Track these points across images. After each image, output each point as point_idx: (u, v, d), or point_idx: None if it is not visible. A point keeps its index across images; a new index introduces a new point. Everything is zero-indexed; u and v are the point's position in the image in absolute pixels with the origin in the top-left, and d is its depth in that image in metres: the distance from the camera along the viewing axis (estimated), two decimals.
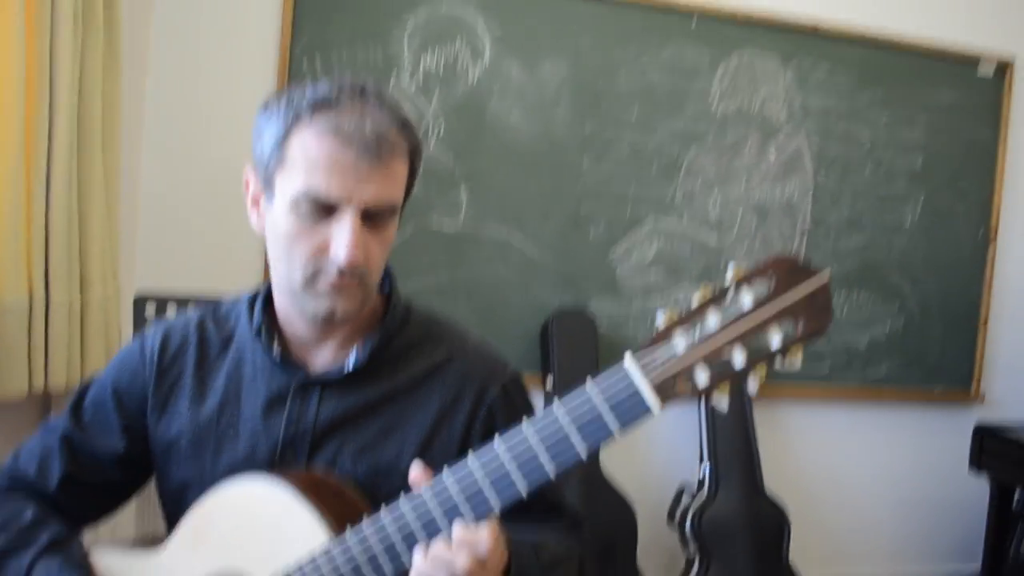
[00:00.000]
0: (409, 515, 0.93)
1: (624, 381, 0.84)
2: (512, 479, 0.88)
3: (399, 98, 1.09)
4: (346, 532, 0.96)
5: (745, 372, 0.82)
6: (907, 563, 3.46)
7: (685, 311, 0.84)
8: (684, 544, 2.83)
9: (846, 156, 3.19)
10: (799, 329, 0.82)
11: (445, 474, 0.92)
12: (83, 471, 1.17)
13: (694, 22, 3.01)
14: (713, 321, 0.83)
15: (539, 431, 0.87)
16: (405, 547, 0.93)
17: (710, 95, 3.05)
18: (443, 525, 0.91)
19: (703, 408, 2.96)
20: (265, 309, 1.16)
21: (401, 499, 0.94)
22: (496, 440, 0.90)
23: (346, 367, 1.11)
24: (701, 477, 2.90)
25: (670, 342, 0.84)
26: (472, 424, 1.12)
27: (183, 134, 2.58)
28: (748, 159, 3.09)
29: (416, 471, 0.93)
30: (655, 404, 0.84)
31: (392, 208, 1.05)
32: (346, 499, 1.05)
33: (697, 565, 2.76)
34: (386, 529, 0.94)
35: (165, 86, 2.55)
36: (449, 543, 0.90)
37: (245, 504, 1.03)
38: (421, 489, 0.93)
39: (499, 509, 0.90)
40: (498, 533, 0.91)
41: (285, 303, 1.12)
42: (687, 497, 2.90)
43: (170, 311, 2.02)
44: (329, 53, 2.66)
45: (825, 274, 0.82)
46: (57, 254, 1.91)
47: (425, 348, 1.16)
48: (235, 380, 1.15)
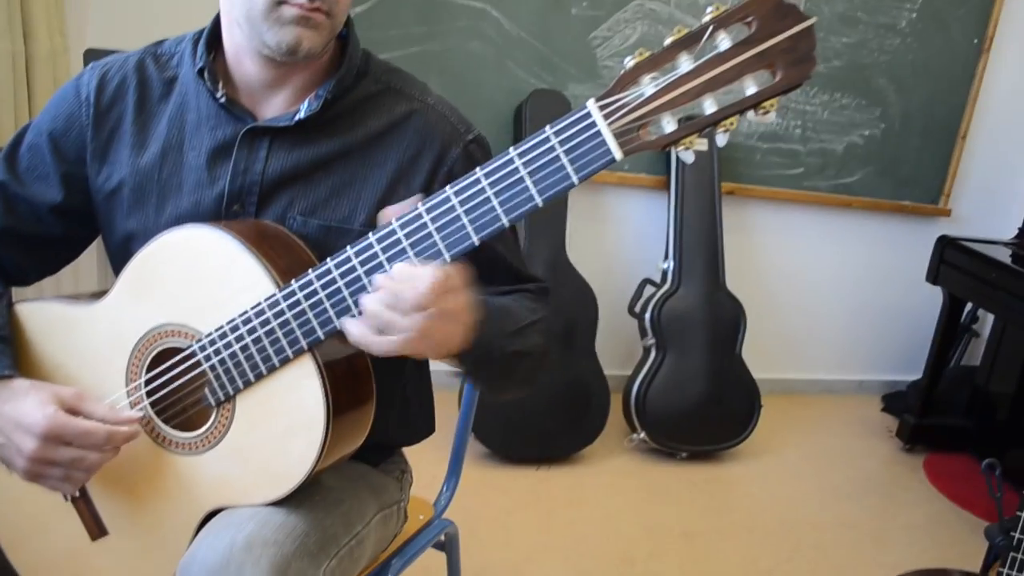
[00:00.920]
0: (354, 259, 0.90)
1: (585, 125, 0.80)
2: (463, 224, 0.85)
3: None
4: (292, 282, 0.94)
5: (714, 121, 0.78)
6: (852, 371, 3.61)
7: (655, 53, 0.78)
8: (643, 334, 2.90)
9: None
10: (777, 77, 0.76)
11: (393, 221, 0.88)
12: (19, 222, 1.12)
13: None
14: (685, 64, 0.77)
15: (491, 177, 0.83)
16: (348, 292, 0.91)
17: None
18: (389, 267, 0.89)
19: (672, 206, 2.94)
20: (211, 47, 1.08)
21: (348, 247, 0.91)
22: (448, 187, 0.86)
23: (297, 115, 1.05)
24: (664, 271, 2.93)
25: (637, 85, 0.78)
26: (430, 185, 1.07)
27: None
28: None
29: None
30: (617, 151, 0.79)
31: None
32: (294, 251, 1.01)
33: (653, 354, 2.84)
34: (331, 273, 0.91)
35: None
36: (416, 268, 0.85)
37: (189, 255, 0.99)
38: (368, 235, 0.90)
39: (449, 257, 0.87)
40: (468, 276, 0.88)
41: (238, 39, 1.03)
42: (649, 290, 2.94)
43: None
44: None
45: (811, 19, 0.75)
46: None
47: (384, 102, 1.09)
48: (178, 126, 1.08)
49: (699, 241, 2.93)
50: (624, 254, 3.13)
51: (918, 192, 3.38)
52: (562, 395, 2.69)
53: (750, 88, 0.76)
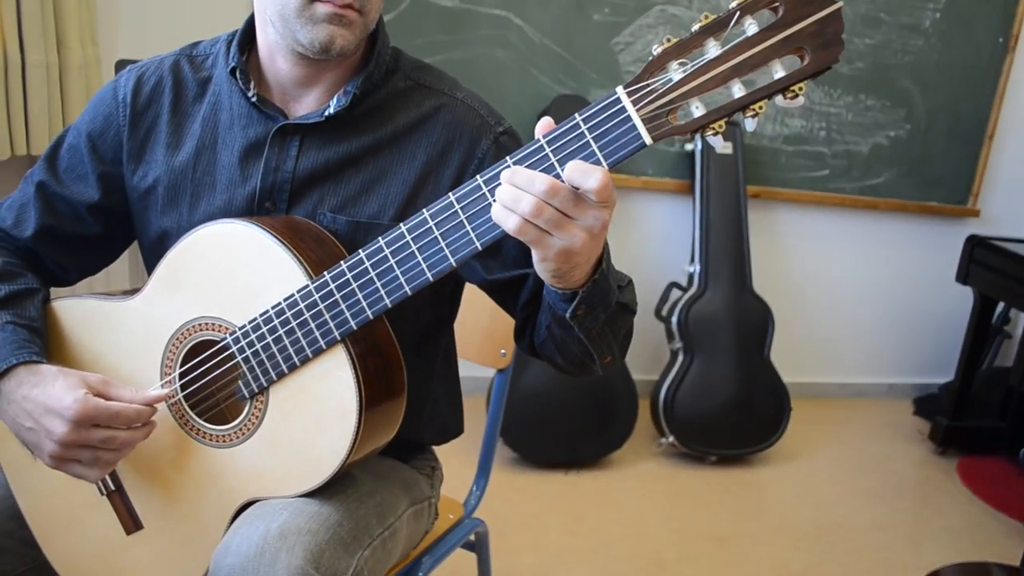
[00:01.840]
0: (386, 250, 0.91)
1: (614, 111, 0.80)
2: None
3: None
4: (324, 273, 0.94)
5: (743, 105, 0.78)
6: (882, 374, 3.57)
7: (682, 40, 0.79)
8: (670, 338, 2.89)
9: None
10: (805, 61, 0.77)
11: (424, 211, 0.89)
12: (60, 221, 1.15)
13: None
14: (712, 50, 0.78)
15: (521, 164, 0.83)
16: (381, 283, 0.92)
17: None
18: (420, 260, 0.89)
19: (697, 209, 2.94)
20: (244, 48, 1.10)
21: (380, 238, 0.92)
22: (478, 176, 0.86)
23: (327, 110, 1.06)
24: (690, 275, 2.92)
25: (665, 72, 0.79)
26: (461, 179, 1.07)
27: None
28: None
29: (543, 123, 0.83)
30: (647, 136, 0.80)
31: None
32: (326, 245, 1.02)
33: (681, 357, 2.83)
34: (363, 264, 0.92)
35: None
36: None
37: (222, 249, 1.00)
38: (400, 226, 0.90)
39: (480, 246, 0.87)
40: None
41: (272, 37, 1.05)
42: (676, 293, 2.93)
43: None
44: None
45: (838, 3, 0.76)
46: (30, 15, 1.82)
47: (413, 97, 1.10)
48: (211, 126, 1.10)
49: (725, 244, 2.92)
50: (650, 258, 3.13)
51: (945, 193, 3.35)
52: (589, 399, 2.68)
53: (778, 72, 0.77)
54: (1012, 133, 3.37)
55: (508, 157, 0.84)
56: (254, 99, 1.07)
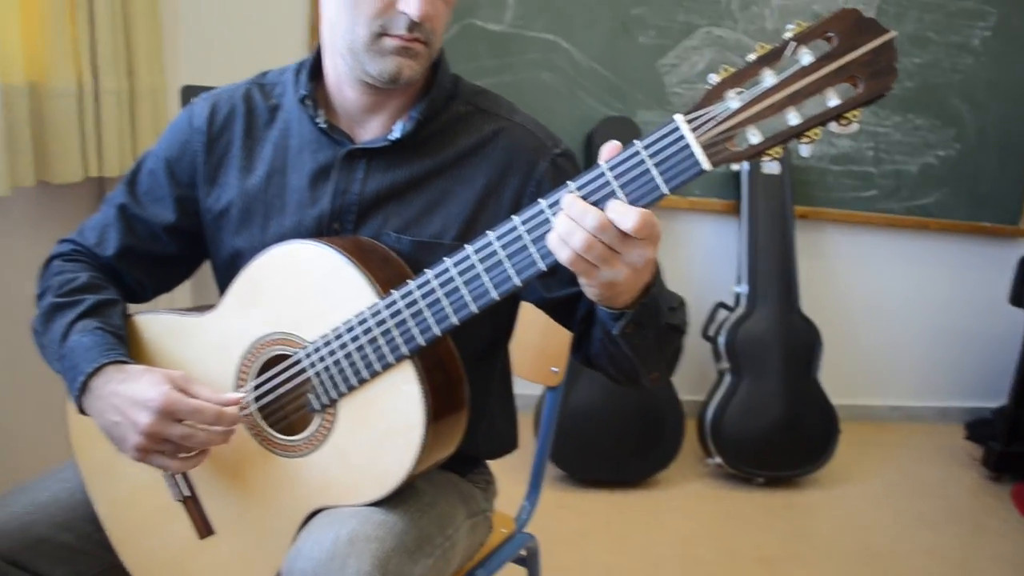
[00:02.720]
0: (452, 270, 0.95)
1: (674, 138, 0.84)
2: None
3: None
4: (392, 292, 0.99)
5: (798, 132, 0.81)
6: (933, 398, 3.53)
7: (739, 69, 0.82)
8: (716, 358, 2.90)
9: None
10: (859, 89, 0.79)
11: (489, 233, 0.93)
12: (139, 241, 1.21)
13: None
14: (769, 79, 0.81)
15: (584, 188, 0.87)
16: (448, 302, 0.96)
17: None
18: (486, 279, 0.94)
19: (745, 230, 2.95)
20: (312, 78, 1.16)
21: (446, 258, 0.96)
22: (541, 200, 0.90)
23: (391, 135, 1.11)
24: (737, 295, 2.93)
25: (722, 100, 0.82)
26: (520, 200, 1.11)
27: None
28: None
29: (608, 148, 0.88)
30: (705, 162, 0.83)
31: None
32: (392, 264, 1.07)
33: (728, 378, 2.83)
34: (431, 283, 0.96)
35: None
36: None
37: (294, 268, 1.05)
38: (465, 247, 0.95)
39: (545, 266, 0.91)
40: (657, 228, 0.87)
41: (340, 68, 1.10)
42: (722, 314, 2.94)
43: None
44: None
45: (891, 33, 0.79)
46: (103, 44, 1.91)
47: (473, 122, 1.14)
48: (281, 150, 1.16)
49: (773, 265, 2.93)
50: (697, 278, 3.14)
51: (997, 212, 3.32)
52: (636, 419, 2.70)
53: (832, 100, 0.80)
54: None
55: (570, 182, 0.88)
56: (323, 125, 1.13)
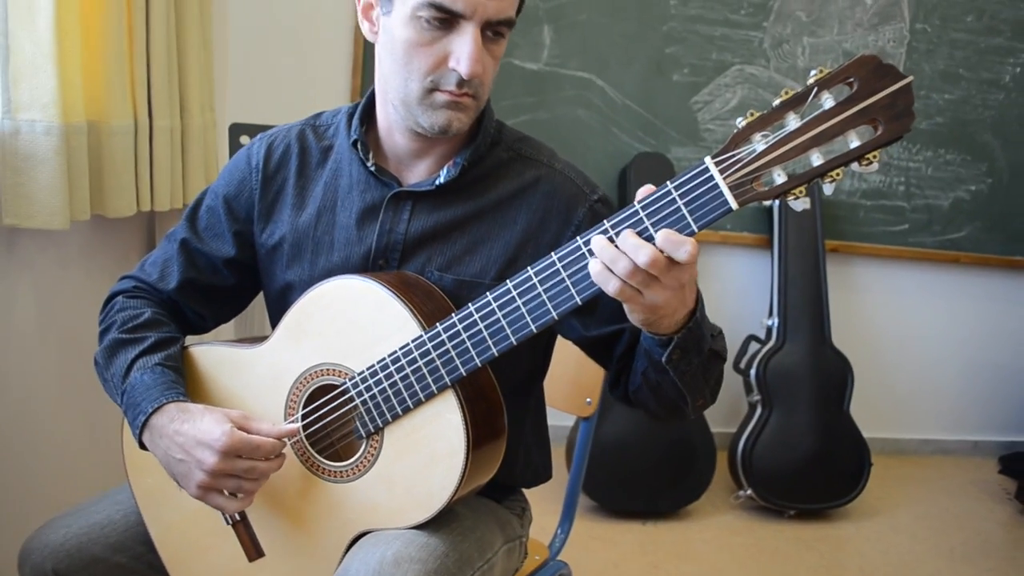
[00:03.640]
0: (494, 304, 1.00)
1: (703, 180, 0.89)
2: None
3: None
4: (436, 324, 1.04)
5: (822, 173, 0.86)
6: (966, 431, 3.50)
7: (765, 113, 0.87)
8: (748, 391, 2.91)
9: (947, 3, 3.04)
10: (879, 131, 0.84)
11: (528, 269, 0.98)
12: (200, 274, 1.27)
13: None
14: (792, 122, 0.86)
15: (617, 228, 0.92)
16: (488, 334, 1.01)
17: None
18: (524, 312, 0.99)
19: (776, 264, 2.98)
20: (364, 121, 1.22)
21: (487, 293, 1.01)
22: (578, 237, 0.96)
23: (437, 180, 1.17)
24: (769, 328, 2.95)
25: (749, 143, 0.87)
26: (558, 244, 1.14)
27: None
28: (842, 4, 2.97)
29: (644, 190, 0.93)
30: (733, 201, 0.88)
31: (509, 23, 1.07)
32: (435, 299, 1.12)
33: (759, 410, 2.85)
34: (473, 316, 1.02)
35: None
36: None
37: (342, 302, 1.11)
38: (506, 282, 1.00)
39: (580, 300, 0.96)
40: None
41: (391, 116, 1.16)
42: (754, 346, 2.96)
43: None
44: None
45: (908, 78, 0.83)
46: (158, 83, 1.99)
47: (515, 168, 1.19)
48: (332, 190, 1.22)
49: (804, 298, 2.95)
50: (728, 311, 3.17)
51: None
52: (668, 450, 2.72)
53: (854, 142, 0.84)
54: None
55: (605, 220, 0.93)
56: (372, 168, 1.19)
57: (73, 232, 1.88)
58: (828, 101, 0.85)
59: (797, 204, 0.89)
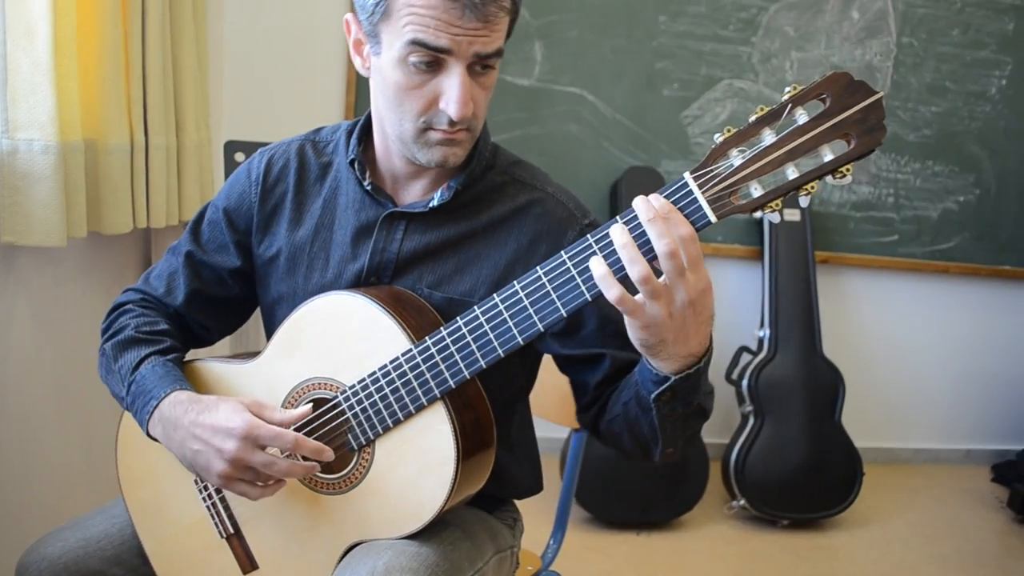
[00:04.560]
0: (481, 318, 1.03)
1: (683, 194, 0.92)
2: (578, 284, 0.97)
3: None
4: (425, 338, 1.06)
5: (797, 186, 0.89)
6: (958, 440, 3.53)
7: (741, 129, 0.90)
8: (740, 401, 2.94)
9: (933, 17, 3.08)
10: (852, 145, 0.87)
11: (516, 282, 1.01)
12: (205, 285, 1.29)
13: None
14: (768, 137, 0.89)
15: (601, 243, 0.95)
16: (476, 347, 1.04)
17: None
18: (511, 325, 1.01)
19: (767, 275, 3.01)
20: (362, 140, 1.23)
21: (475, 307, 1.04)
22: (563, 252, 0.98)
23: (430, 202, 1.19)
24: (760, 339, 2.98)
25: (726, 158, 0.90)
26: None
27: None
28: (829, 19, 3.02)
29: None
30: (712, 215, 0.91)
31: (497, 54, 1.07)
32: (425, 313, 1.15)
33: (752, 420, 2.87)
34: (461, 330, 1.04)
35: None
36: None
37: (334, 317, 1.13)
38: (494, 296, 1.02)
39: (565, 313, 0.99)
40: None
41: (388, 144, 1.18)
42: (746, 357, 2.99)
43: None
44: None
45: (879, 93, 0.86)
46: (154, 102, 2.02)
47: (508, 191, 1.21)
48: (330, 208, 1.24)
49: (795, 309, 2.98)
50: (719, 322, 3.14)
51: (1018, 256, 3.35)
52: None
53: (827, 155, 0.87)
54: None
55: (589, 235, 0.96)
56: (368, 187, 1.21)
57: (70, 249, 1.90)
58: (802, 117, 0.88)
59: (774, 216, 0.92)
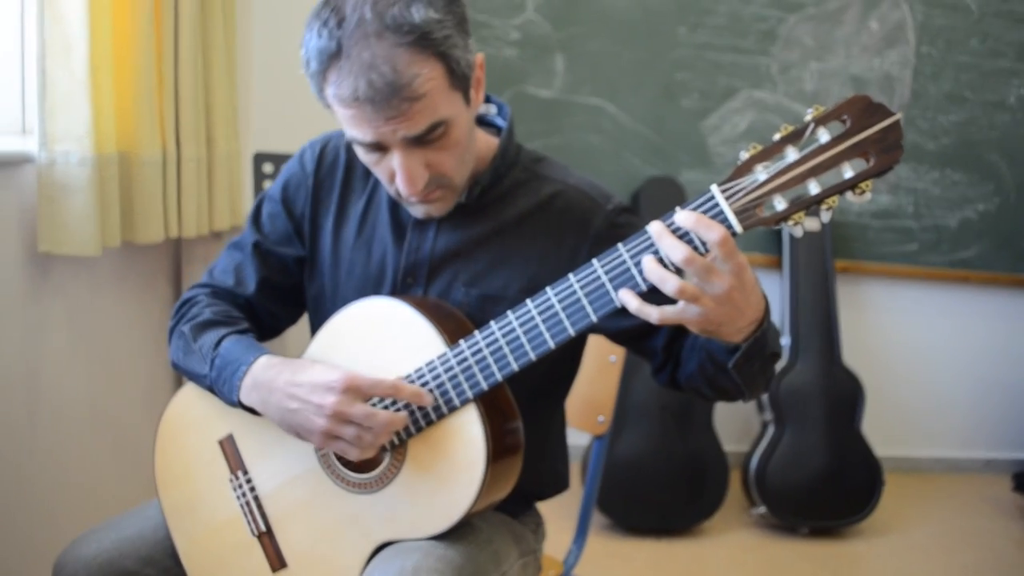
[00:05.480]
0: (515, 322, 1.07)
1: (710, 206, 0.96)
2: (607, 290, 1.01)
3: None
4: (460, 342, 1.10)
5: (819, 201, 0.92)
6: (979, 449, 3.53)
7: (766, 147, 0.94)
8: (760, 410, 2.95)
9: (952, 27, 3.10)
10: (871, 163, 0.91)
11: (547, 289, 1.05)
12: (273, 273, 1.32)
13: None
14: (791, 155, 0.93)
15: (632, 250, 0.99)
16: (509, 350, 1.07)
17: None
18: (543, 330, 1.05)
19: (787, 284, 3.03)
20: None
21: (508, 312, 1.08)
22: (595, 260, 1.02)
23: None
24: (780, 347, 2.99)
25: (752, 173, 0.94)
26: (576, 257, 1.20)
27: (291, 11, 2.70)
28: (848, 30, 3.04)
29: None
30: (737, 226, 0.95)
31: (438, 123, 1.07)
32: (457, 319, 1.18)
33: (771, 430, 2.88)
34: (495, 334, 1.08)
35: None
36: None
37: (371, 321, 1.17)
38: (527, 302, 1.06)
39: (596, 319, 1.03)
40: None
41: None
42: None
43: (284, 167, 2.19)
44: None
45: (896, 115, 0.90)
46: (186, 115, 2.07)
47: (531, 187, 1.25)
48: (373, 205, 1.28)
49: (814, 317, 2.99)
50: None
51: None
52: (681, 468, 2.76)
53: (847, 172, 0.91)
54: None
55: (620, 244, 1.00)
56: None
57: (104, 258, 1.95)
58: (824, 136, 0.91)
59: (796, 230, 0.95)
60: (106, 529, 1.28)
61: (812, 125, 0.92)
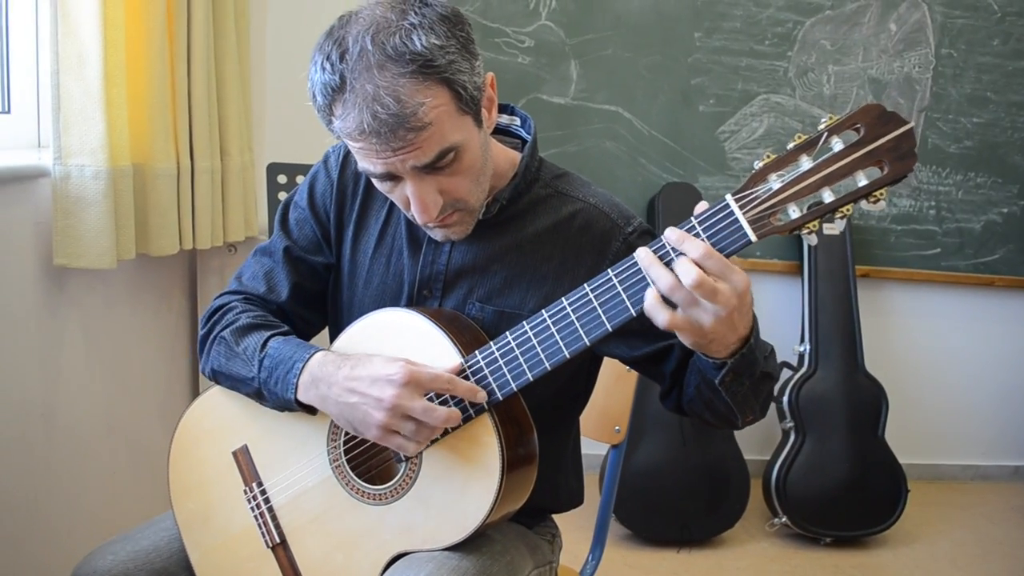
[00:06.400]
0: (530, 332, 1.06)
1: (725, 215, 0.95)
2: (623, 299, 1.00)
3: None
4: (475, 352, 1.10)
5: (832, 208, 0.91)
6: (1007, 456, 3.46)
7: (780, 156, 0.93)
8: (781, 417, 2.92)
9: (973, 27, 3.05)
10: (884, 172, 0.89)
11: (563, 298, 1.04)
12: (304, 279, 1.31)
13: None
14: (805, 163, 0.91)
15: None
16: (524, 360, 1.07)
17: None
18: (559, 339, 1.04)
19: (807, 290, 2.99)
20: None
21: (523, 323, 1.07)
22: (610, 269, 1.01)
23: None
24: (800, 355, 2.96)
25: (766, 182, 0.93)
26: (593, 276, 1.19)
27: (304, 23, 2.70)
28: (867, 32, 3.01)
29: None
30: (752, 234, 0.94)
31: (448, 150, 1.05)
32: (472, 331, 1.18)
33: (793, 437, 2.85)
34: (510, 344, 1.07)
35: None
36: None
37: (387, 330, 1.17)
38: (542, 312, 1.05)
39: (611, 328, 1.01)
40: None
41: None
42: (786, 373, 2.97)
43: (298, 178, 2.19)
44: None
45: (909, 124, 0.89)
46: (199, 127, 2.09)
47: (552, 204, 1.23)
48: (391, 222, 1.27)
49: (835, 324, 2.95)
50: None
51: None
52: (701, 478, 2.73)
53: (862, 180, 0.90)
54: None
55: (636, 252, 0.99)
56: None
57: (119, 270, 1.96)
58: (837, 144, 0.90)
59: (811, 238, 0.94)
60: (121, 542, 1.29)
61: (825, 134, 0.91)
